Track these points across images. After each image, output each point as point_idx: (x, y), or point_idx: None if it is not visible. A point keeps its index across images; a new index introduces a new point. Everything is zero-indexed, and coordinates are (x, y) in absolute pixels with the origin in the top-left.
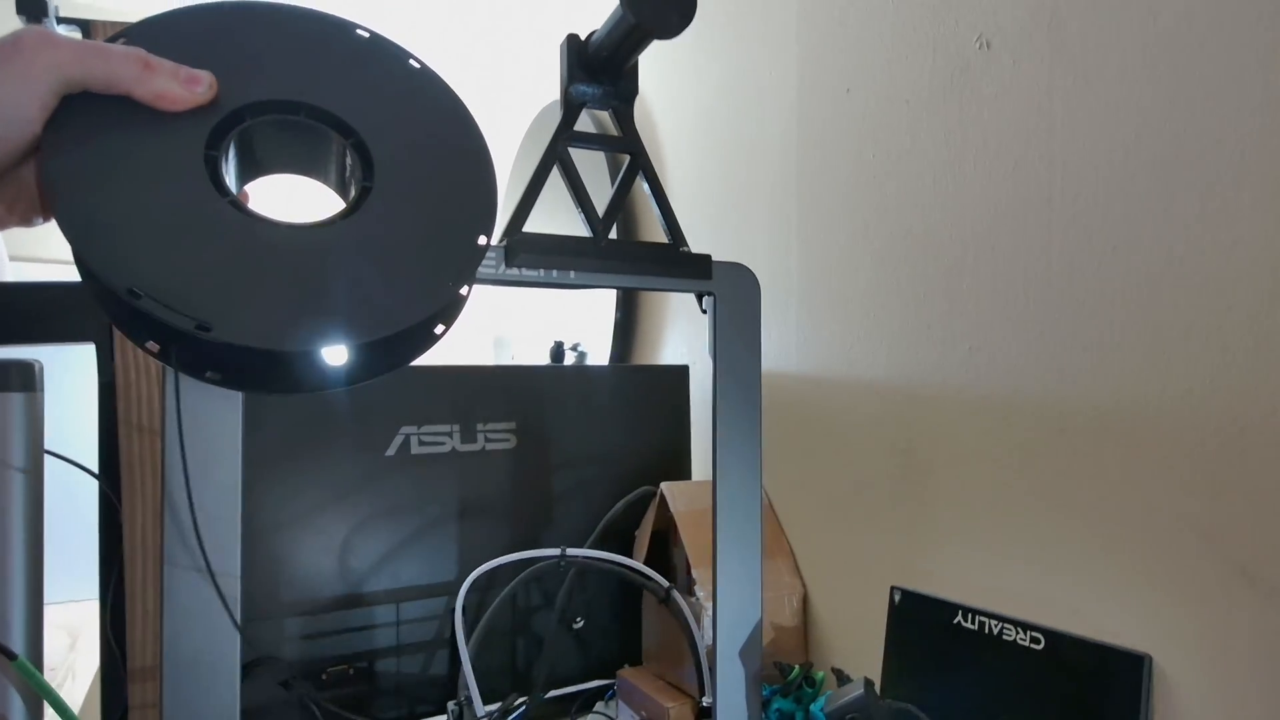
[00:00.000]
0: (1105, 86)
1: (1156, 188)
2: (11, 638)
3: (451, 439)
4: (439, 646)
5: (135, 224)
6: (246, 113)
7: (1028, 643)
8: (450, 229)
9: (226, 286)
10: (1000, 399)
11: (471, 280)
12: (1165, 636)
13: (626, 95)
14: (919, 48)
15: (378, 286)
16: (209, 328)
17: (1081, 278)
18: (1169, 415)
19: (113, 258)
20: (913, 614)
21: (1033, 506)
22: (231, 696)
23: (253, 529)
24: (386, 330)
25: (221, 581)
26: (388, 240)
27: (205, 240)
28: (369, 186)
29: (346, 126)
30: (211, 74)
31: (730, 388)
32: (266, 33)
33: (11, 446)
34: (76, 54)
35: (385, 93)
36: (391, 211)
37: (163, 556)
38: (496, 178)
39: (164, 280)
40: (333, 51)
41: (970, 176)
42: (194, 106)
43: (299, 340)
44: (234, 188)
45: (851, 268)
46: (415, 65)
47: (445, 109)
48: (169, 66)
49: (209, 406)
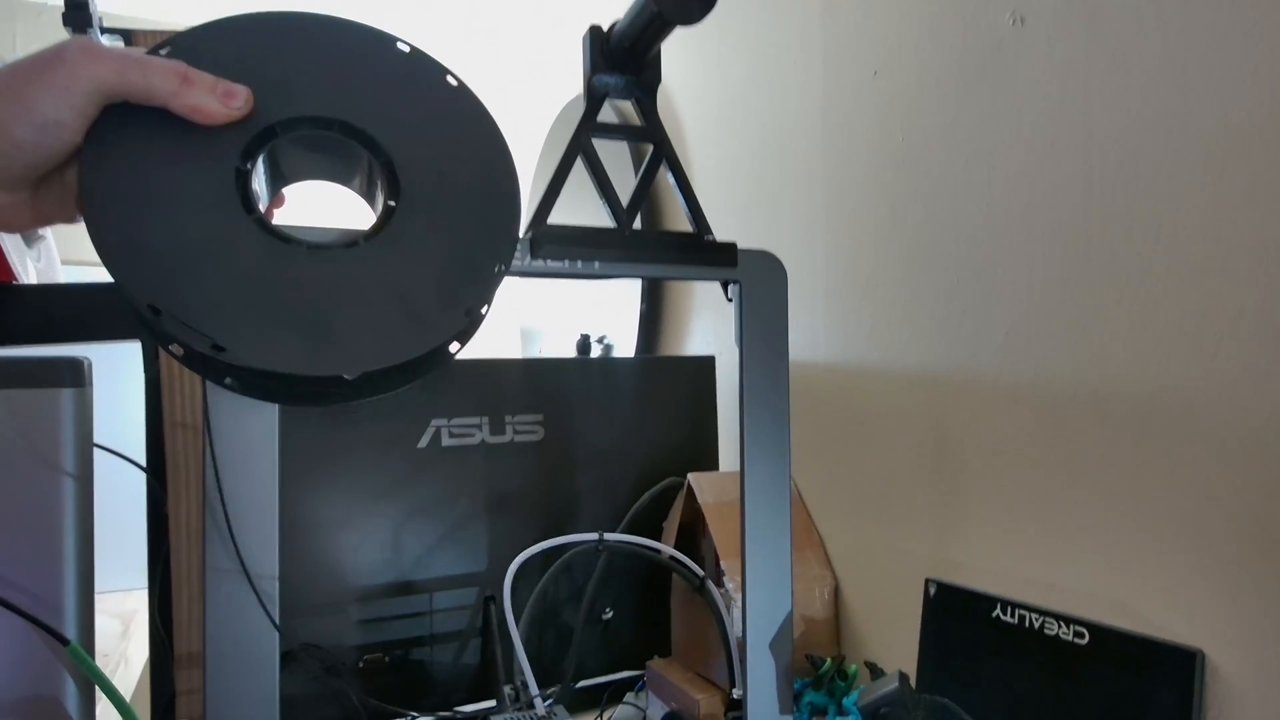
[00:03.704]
0: (1145, 62)
1: (1203, 166)
2: (64, 624)
3: (481, 431)
4: (471, 635)
5: (162, 240)
6: (280, 128)
7: (1071, 637)
8: (469, 256)
9: (244, 309)
10: (1037, 387)
11: (487, 306)
12: (1218, 632)
13: (649, 85)
14: (949, 27)
15: (392, 316)
16: (224, 348)
17: (1122, 261)
18: (1218, 404)
19: (138, 273)
20: (949, 607)
21: (1073, 497)
22: (271, 685)
23: (289, 521)
24: (397, 359)
25: (258, 580)
26: (406, 267)
27: (227, 260)
28: (394, 207)
29: (377, 145)
30: (248, 89)
31: (757, 377)
32: (307, 45)
33: (62, 440)
34: (117, 66)
35: (419, 112)
36: (413, 236)
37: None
38: (521, 205)
39: (184, 298)
40: (371, 66)
41: (1005, 159)
42: (229, 121)
43: (310, 366)
44: (264, 199)
45: (880, 254)
46: (453, 83)
47: (477, 132)
48: (207, 80)
49: (247, 405)
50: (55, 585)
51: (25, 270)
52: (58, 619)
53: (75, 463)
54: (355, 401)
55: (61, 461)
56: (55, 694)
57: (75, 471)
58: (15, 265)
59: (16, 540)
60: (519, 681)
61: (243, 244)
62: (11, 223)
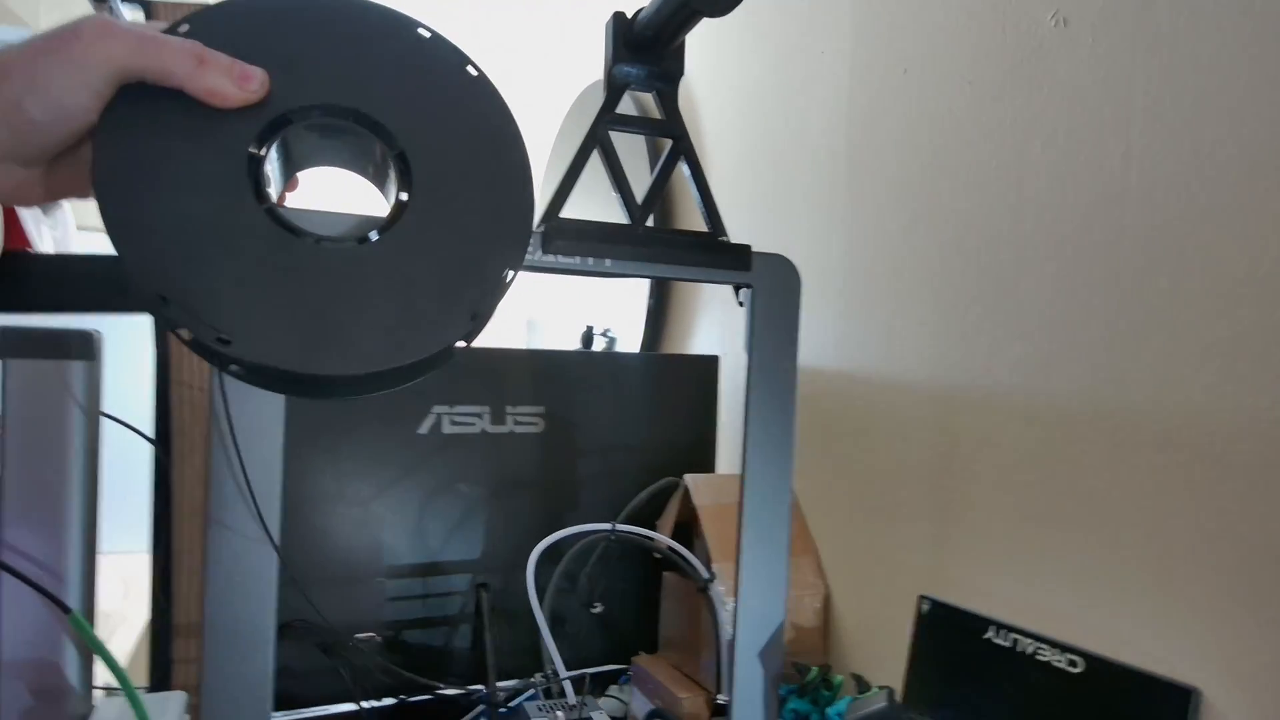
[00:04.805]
0: (1196, 75)
1: (1246, 186)
2: (67, 592)
3: (482, 420)
4: (462, 621)
5: (172, 227)
6: (294, 115)
7: (1064, 665)
8: (479, 258)
9: (251, 302)
10: (1051, 407)
11: (493, 310)
12: (1217, 670)
13: (671, 77)
14: (986, 25)
15: (398, 317)
16: (229, 341)
17: (1154, 282)
18: (1238, 438)
19: (146, 261)
20: (941, 625)
21: (1079, 522)
22: (266, 655)
23: (289, 498)
24: (400, 361)
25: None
26: (414, 266)
27: (237, 250)
28: (405, 202)
29: (392, 137)
30: (264, 72)
31: (765, 383)
32: (327, 26)
33: (70, 412)
34: (133, 46)
35: (436, 103)
36: (423, 234)
37: (207, 520)
38: (534, 208)
39: (192, 288)
40: (390, 51)
41: (1036, 166)
42: (244, 105)
43: (313, 365)
44: (277, 184)
45: (899, 261)
46: (472, 73)
47: (495, 127)
48: (224, 62)
49: (254, 388)
50: (60, 554)
51: (41, 238)
52: (61, 587)
53: (83, 434)
54: (357, 396)
55: (70, 433)
56: (56, 659)
57: (83, 443)
58: (31, 233)
59: (23, 509)
60: (549, 670)
61: (252, 234)
62: (27, 197)
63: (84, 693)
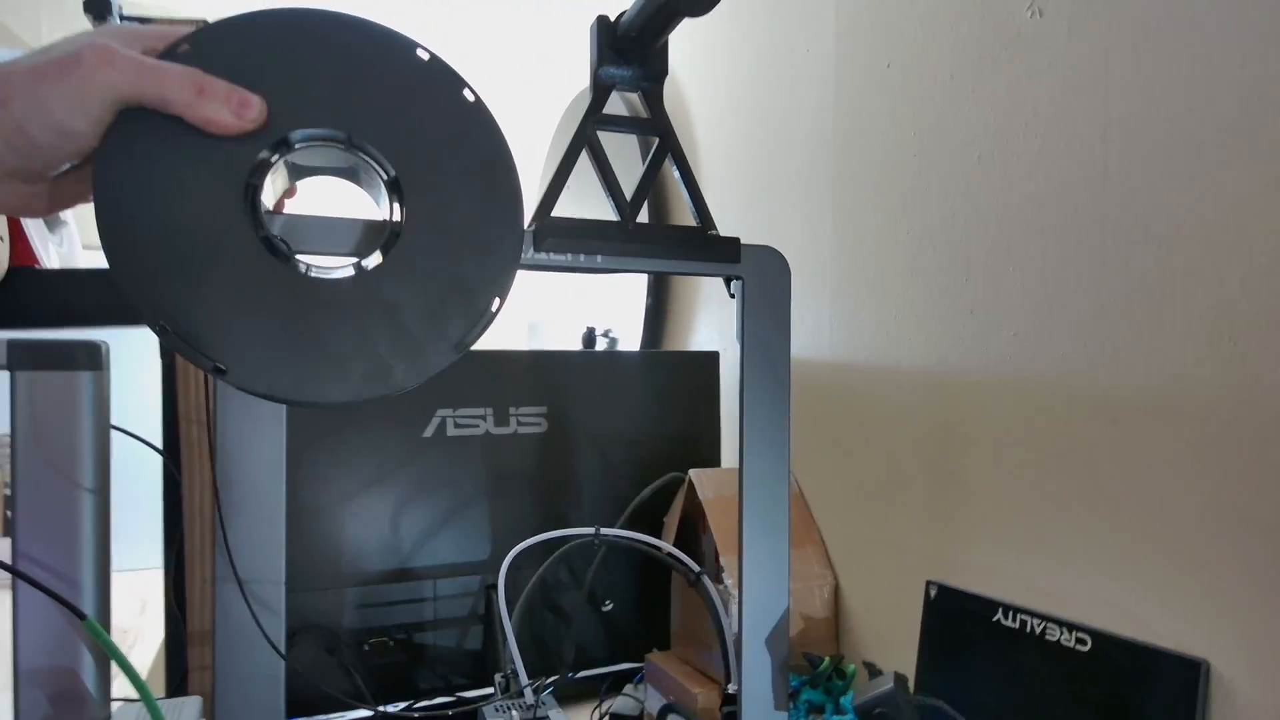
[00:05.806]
0: (1167, 56)
1: (1223, 160)
2: (82, 600)
3: (485, 422)
4: (473, 622)
5: (170, 259)
6: (290, 144)
7: (1073, 643)
8: (467, 289)
9: (247, 333)
10: (1046, 387)
11: (478, 338)
12: (1225, 642)
13: (656, 76)
14: (966, 17)
15: (386, 345)
16: (225, 370)
17: (1139, 258)
18: (1236, 408)
19: (144, 290)
20: (949, 609)
21: (1080, 501)
22: (277, 663)
23: (296, 505)
24: (389, 391)
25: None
26: (406, 295)
27: (233, 280)
28: (398, 232)
29: (386, 164)
30: (262, 100)
31: (758, 373)
32: (325, 48)
33: (80, 422)
34: (132, 74)
35: (431, 130)
36: (416, 261)
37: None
38: (524, 239)
39: (189, 316)
40: (388, 73)
41: (1019, 152)
42: (242, 133)
43: (308, 394)
44: (274, 194)
45: (889, 250)
46: (469, 98)
47: (488, 155)
48: (222, 90)
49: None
50: (73, 562)
51: (47, 254)
52: (75, 594)
53: (93, 444)
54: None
55: (80, 442)
56: (73, 666)
57: (93, 453)
58: (38, 249)
59: (36, 518)
60: (509, 670)
61: (249, 263)
62: (33, 209)
63: (101, 700)
